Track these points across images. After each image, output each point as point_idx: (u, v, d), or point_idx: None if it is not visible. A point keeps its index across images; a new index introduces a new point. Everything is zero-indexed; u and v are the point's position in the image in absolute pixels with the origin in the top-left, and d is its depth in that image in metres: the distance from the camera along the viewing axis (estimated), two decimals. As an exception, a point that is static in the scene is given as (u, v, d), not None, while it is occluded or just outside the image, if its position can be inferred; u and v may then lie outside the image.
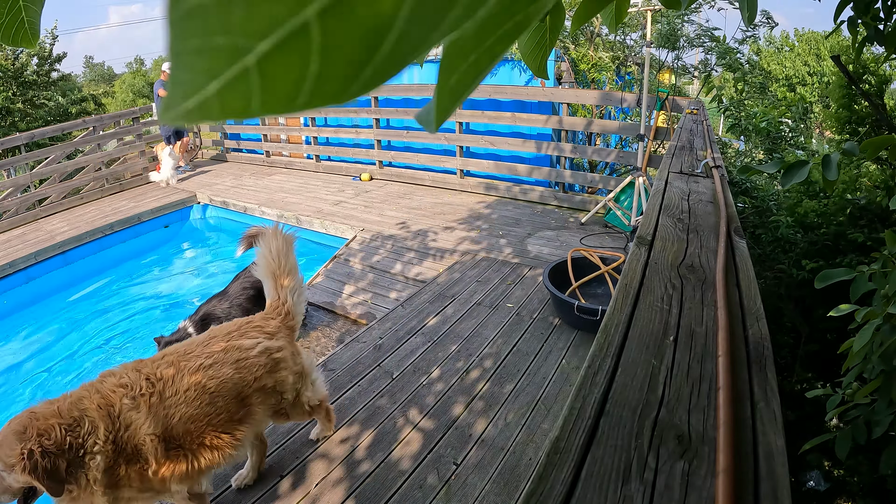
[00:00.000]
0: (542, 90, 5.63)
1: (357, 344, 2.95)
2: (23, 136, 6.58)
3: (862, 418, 1.46)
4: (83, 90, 14.89)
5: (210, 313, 3.01)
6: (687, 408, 0.70)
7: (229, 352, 1.66)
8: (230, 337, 1.71)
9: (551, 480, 0.59)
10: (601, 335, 0.89)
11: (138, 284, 5.29)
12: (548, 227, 4.81)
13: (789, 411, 3.45)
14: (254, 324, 1.81)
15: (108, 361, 3.84)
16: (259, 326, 1.80)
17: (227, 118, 0.14)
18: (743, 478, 0.58)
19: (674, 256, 1.23)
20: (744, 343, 0.86)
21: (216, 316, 2.98)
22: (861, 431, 1.46)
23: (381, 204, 5.86)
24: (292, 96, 0.14)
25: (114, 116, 7.98)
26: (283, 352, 1.80)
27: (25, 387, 3.67)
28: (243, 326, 1.78)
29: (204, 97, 0.14)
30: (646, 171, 4.39)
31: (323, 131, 7.71)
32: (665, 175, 2.11)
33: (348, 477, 1.99)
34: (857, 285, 1.36)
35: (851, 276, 1.36)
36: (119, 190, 7.43)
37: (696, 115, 4.15)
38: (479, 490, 1.90)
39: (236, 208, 6.41)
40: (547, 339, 2.89)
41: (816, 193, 3.96)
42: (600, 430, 0.67)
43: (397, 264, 4.20)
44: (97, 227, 5.88)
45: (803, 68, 17.92)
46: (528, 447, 2.10)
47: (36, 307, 4.90)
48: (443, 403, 2.40)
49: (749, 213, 4.39)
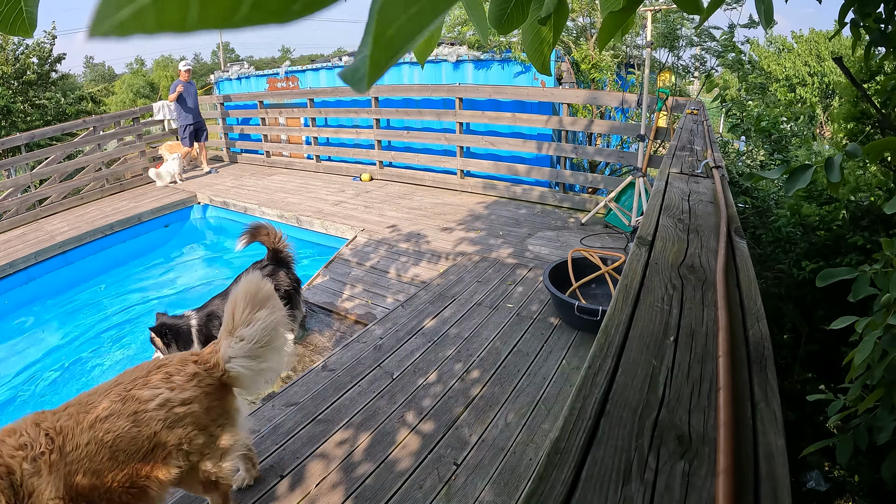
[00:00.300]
0: (542, 90, 5.63)
1: (357, 344, 2.95)
2: (23, 136, 6.59)
3: (863, 424, 1.46)
4: (83, 90, 14.90)
5: (214, 312, 3.01)
6: (687, 408, 0.70)
7: (127, 402, 1.48)
8: (134, 384, 1.53)
9: (551, 481, 0.59)
10: (601, 335, 0.89)
11: (139, 284, 5.29)
12: (548, 228, 4.81)
13: (789, 411, 3.45)
14: (165, 370, 1.59)
15: (109, 361, 3.84)
16: (168, 374, 1.58)
17: (162, 31, 0.13)
18: (743, 478, 0.58)
19: (674, 257, 1.23)
20: (744, 343, 0.86)
21: (219, 315, 2.99)
22: (863, 437, 1.45)
23: (382, 204, 5.86)
24: (232, 9, 0.13)
25: (114, 116, 7.99)
26: (189, 406, 1.56)
27: (26, 387, 3.67)
28: (152, 372, 1.58)
29: (139, 6, 0.13)
30: (646, 172, 4.39)
31: (323, 131, 7.72)
32: (665, 175, 2.11)
33: (348, 477, 1.99)
34: (858, 285, 1.36)
35: (853, 276, 1.36)
36: (119, 190, 7.44)
37: (697, 115, 4.15)
38: (479, 490, 1.90)
39: (237, 208, 6.41)
40: (547, 339, 2.89)
41: (819, 194, 3.95)
42: (601, 430, 0.67)
43: (397, 264, 4.20)
44: (97, 228, 5.89)
45: (804, 68, 17.91)
46: (529, 448, 2.10)
47: (36, 307, 4.90)
48: (443, 404, 2.40)
49: (749, 214, 4.39)
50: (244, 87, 9.53)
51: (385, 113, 6.71)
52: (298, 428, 2.28)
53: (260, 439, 2.22)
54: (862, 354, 1.28)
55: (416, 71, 6.89)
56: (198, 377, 1.61)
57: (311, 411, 2.38)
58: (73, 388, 3.55)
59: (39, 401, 3.46)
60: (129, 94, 29.69)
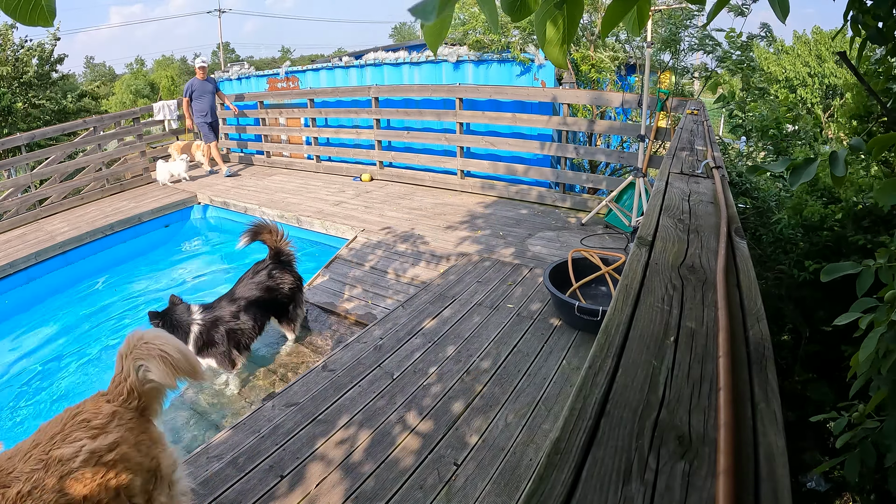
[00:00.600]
0: (542, 90, 5.63)
1: (357, 344, 2.95)
2: (23, 136, 6.59)
3: (870, 439, 1.45)
4: (82, 88, 14.90)
5: (220, 318, 3.00)
6: (687, 408, 0.70)
7: (50, 468, 1.32)
8: (53, 443, 1.37)
9: (552, 481, 0.59)
10: (602, 336, 0.89)
11: (139, 285, 5.29)
12: (548, 228, 4.81)
13: (790, 412, 3.45)
14: (80, 417, 1.44)
15: (109, 362, 3.84)
16: (86, 420, 1.43)
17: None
18: (743, 479, 0.58)
19: (674, 257, 1.23)
20: (744, 344, 0.86)
21: (225, 320, 2.99)
22: (870, 453, 1.44)
23: (382, 204, 5.86)
24: None
25: (114, 117, 8.00)
26: (118, 449, 1.42)
27: (26, 388, 3.67)
28: (68, 425, 1.42)
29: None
30: (646, 172, 4.39)
31: (323, 132, 7.72)
32: (666, 176, 2.11)
33: (348, 478, 1.99)
34: (863, 279, 1.35)
35: (858, 270, 1.35)
36: (119, 190, 7.44)
37: (697, 115, 4.15)
38: (479, 491, 1.90)
39: (237, 209, 6.41)
40: (547, 339, 2.89)
41: (821, 195, 3.95)
42: (601, 430, 0.67)
43: (398, 265, 4.20)
44: (98, 228, 5.89)
45: (804, 69, 17.90)
46: (529, 448, 2.10)
47: (37, 307, 4.90)
48: (443, 404, 2.40)
49: (750, 214, 4.39)
50: (244, 88, 9.53)
51: (385, 113, 6.71)
52: (298, 428, 2.28)
53: (260, 440, 2.22)
54: (866, 351, 1.27)
55: (416, 71, 6.89)
56: (117, 415, 1.48)
57: (311, 412, 2.38)
58: (74, 387, 3.55)
59: (40, 401, 3.47)
60: (129, 95, 29.71)
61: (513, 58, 6.04)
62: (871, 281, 1.35)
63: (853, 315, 1.40)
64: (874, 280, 1.36)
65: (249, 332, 3.05)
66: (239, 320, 3.01)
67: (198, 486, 1.98)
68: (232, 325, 2.98)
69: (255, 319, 3.09)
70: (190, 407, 2.93)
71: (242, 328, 3.02)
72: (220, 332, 2.94)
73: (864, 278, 1.35)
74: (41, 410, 3.35)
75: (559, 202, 5.50)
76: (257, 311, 3.10)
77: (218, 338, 2.93)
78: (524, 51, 5.99)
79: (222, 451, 2.16)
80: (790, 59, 18.00)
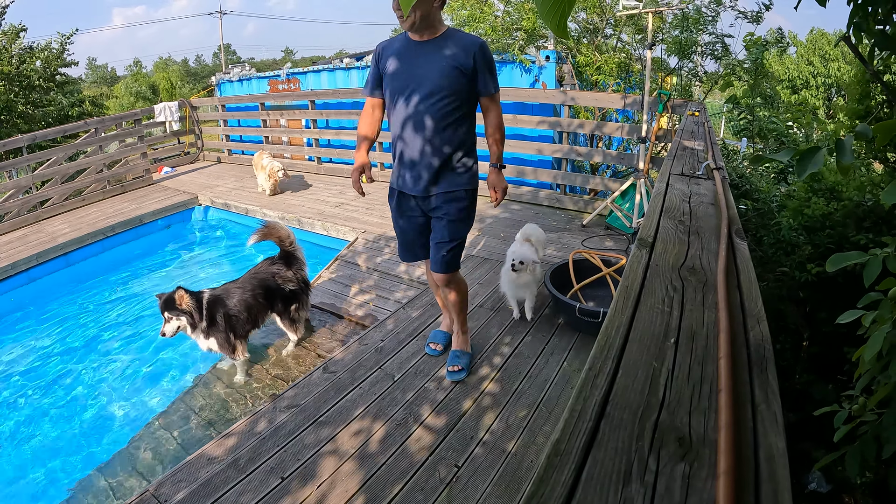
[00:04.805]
0: (543, 92, 5.63)
1: (359, 346, 2.95)
2: (25, 137, 6.59)
3: (870, 433, 1.44)
4: (83, 92, 14.93)
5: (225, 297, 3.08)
6: (688, 410, 0.70)
7: None
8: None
9: (552, 483, 0.59)
10: (602, 337, 0.89)
11: (140, 286, 5.29)
12: (549, 229, 4.80)
13: (790, 413, 3.44)
14: None
15: (109, 362, 3.84)
16: None
17: None
18: (744, 480, 0.58)
19: (675, 258, 1.23)
20: (745, 345, 0.86)
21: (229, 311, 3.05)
22: (870, 447, 1.43)
23: (383, 206, 5.84)
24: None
25: (116, 118, 8.01)
26: None
27: (26, 389, 3.67)
28: None
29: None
30: (647, 173, 4.39)
31: (324, 133, 7.72)
32: (666, 177, 2.11)
33: (349, 479, 1.99)
34: (870, 269, 1.31)
35: (864, 260, 1.31)
36: (121, 192, 7.45)
37: (698, 116, 4.15)
38: (480, 492, 1.90)
39: (238, 210, 6.41)
40: (548, 341, 2.89)
41: (824, 193, 3.94)
42: (601, 432, 0.67)
43: (399, 266, 4.20)
44: (99, 229, 5.90)
45: (807, 68, 17.90)
46: (530, 449, 2.10)
47: (38, 308, 4.91)
48: (444, 406, 2.40)
49: (750, 216, 4.38)
50: (245, 89, 9.55)
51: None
52: (300, 430, 2.28)
53: (261, 441, 2.22)
54: (872, 350, 1.24)
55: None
56: None
57: (313, 413, 2.39)
58: (75, 388, 3.56)
59: (40, 401, 3.47)
60: (129, 98, 29.72)
61: (511, 58, 6.05)
62: (879, 270, 1.29)
63: (857, 313, 1.38)
64: (882, 270, 1.31)
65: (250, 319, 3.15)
66: (240, 307, 3.09)
67: (198, 487, 1.98)
68: (233, 310, 3.06)
69: (258, 310, 3.18)
70: (190, 407, 2.94)
71: (241, 316, 3.10)
72: (228, 311, 3.03)
73: (872, 268, 1.30)
74: (42, 410, 3.35)
75: (560, 203, 5.50)
76: (260, 304, 3.18)
77: (228, 315, 3.03)
78: (525, 52, 5.99)
79: (223, 453, 2.16)
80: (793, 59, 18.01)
